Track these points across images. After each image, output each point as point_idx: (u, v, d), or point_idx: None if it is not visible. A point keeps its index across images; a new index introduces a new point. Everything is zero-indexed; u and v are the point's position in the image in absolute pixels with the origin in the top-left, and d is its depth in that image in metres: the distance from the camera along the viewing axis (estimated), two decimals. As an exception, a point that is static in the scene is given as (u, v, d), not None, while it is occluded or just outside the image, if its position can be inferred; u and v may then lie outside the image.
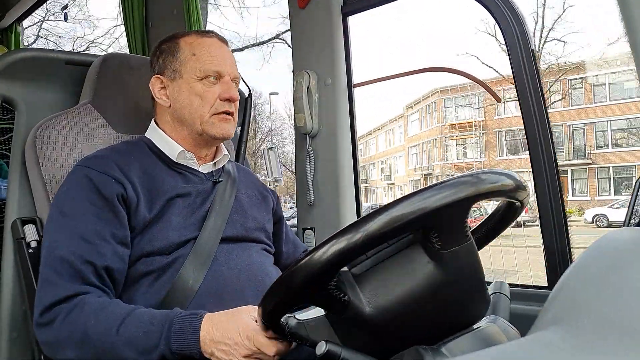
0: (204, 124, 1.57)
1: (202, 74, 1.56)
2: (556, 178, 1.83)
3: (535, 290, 1.89)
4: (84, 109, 1.75)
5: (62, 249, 1.35)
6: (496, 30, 19.91)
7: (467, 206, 0.95)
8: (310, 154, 2.41)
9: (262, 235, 1.68)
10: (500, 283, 1.26)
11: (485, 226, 1.24)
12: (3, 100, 1.79)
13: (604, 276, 0.69)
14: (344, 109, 2.38)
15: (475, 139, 27.08)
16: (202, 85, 1.57)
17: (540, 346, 0.59)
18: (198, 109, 1.57)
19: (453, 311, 1.05)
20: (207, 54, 1.59)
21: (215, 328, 1.21)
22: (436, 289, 1.00)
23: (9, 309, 1.67)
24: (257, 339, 1.17)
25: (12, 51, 1.85)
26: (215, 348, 1.20)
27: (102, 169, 1.45)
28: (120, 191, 1.43)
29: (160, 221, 1.46)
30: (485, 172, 0.98)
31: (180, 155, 1.59)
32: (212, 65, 1.58)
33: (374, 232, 0.88)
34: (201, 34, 1.64)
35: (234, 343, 1.19)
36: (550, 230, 1.85)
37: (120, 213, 1.42)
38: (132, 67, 1.83)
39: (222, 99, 1.57)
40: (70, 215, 1.40)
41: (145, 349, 1.22)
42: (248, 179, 1.82)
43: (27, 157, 1.68)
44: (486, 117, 26.73)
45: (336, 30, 2.35)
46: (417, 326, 1.01)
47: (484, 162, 25.82)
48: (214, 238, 1.51)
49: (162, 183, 1.52)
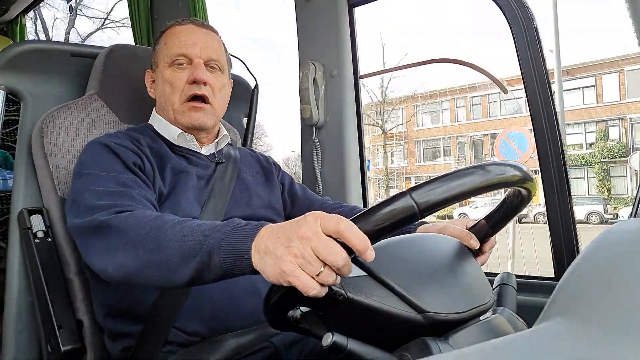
0: (176, 113, 1.58)
1: (170, 59, 1.57)
2: (564, 173, 1.83)
3: (542, 282, 1.89)
4: (90, 99, 1.76)
5: (106, 189, 1.30)
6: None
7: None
8: (316, 145, 2.41)
9: (269, 212, 1.66)
10: (507, 274, 1.25)
11: (498, 213, 1.24)
12: (9, 92, 1.79)
13: (611, 267, 0.68)
14: (350, 100, 2.37)
15: (399, 147, 31.29)
16: (171, 71, 1.57)
17: (547, 337, 0.59)
18: (170, 97, 1.58)
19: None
20: (176, 39, 1.58)
21: (278, 224, 0.96)
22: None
23: (15, 300, 1.68)
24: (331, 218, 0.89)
25: (18, 43, 1.86)
26: (271, 238, 0.93)
27: (118, 142, 1.46)
28: (138, 162, 1.44)
29: (171, 198, 1.46)
30: (493, 164, 0.98)
31: (180, 137, 1.59)
32: (177, 49, 1.57)
33: (379, 225, 0.88)
34: (178, 23, 1.64)
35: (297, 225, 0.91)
36: (558, 222, 1.84)
37: (144, 179, 1.41)
38: (138, 58, 1.85)
39: (189, 82, 1.55)
40: (99, 172, 1.36)
41: (193, 246, 1.04)
42: (250, 158, 1.82)
43: (34, 148, 1.69)
44: (408, 128, 31.19)
45: (342, 22, 2.34)
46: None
47: (405, 168, 30.41)
48: (214, 219, 1.48)
49: (169, 160, 1.53)
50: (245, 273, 0.99)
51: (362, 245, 0.85)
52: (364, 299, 0.94)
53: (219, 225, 1.04)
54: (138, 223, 1.14)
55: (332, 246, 0.86)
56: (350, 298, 0.92)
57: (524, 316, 1.12)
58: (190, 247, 1.04)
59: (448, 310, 0.98)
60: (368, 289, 0.95)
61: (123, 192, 1.30)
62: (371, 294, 0.95)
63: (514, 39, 1.87)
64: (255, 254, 0.95)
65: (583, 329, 0.59)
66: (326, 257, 0.85)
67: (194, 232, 1.05)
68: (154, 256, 1.08)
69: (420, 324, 0.95)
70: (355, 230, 0.85)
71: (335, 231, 0.86)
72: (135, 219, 1.16)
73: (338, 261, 0.85)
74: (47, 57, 1.84)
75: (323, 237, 0.86)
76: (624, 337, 0.56)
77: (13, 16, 4.55)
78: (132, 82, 1.80)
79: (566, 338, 0.58)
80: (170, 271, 1.07)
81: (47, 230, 1.65)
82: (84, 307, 1.62)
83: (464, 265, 1.11)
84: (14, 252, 1.70)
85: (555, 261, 1.86)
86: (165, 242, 1.07)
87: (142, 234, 1.12)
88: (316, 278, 0.86)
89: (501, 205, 1.21)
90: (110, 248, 1.17)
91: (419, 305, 0.95)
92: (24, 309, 1.69)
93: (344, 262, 0.86)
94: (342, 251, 0.86)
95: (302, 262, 0.86)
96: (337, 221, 0.86)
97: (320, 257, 0.86)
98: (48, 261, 1.62)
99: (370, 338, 0.95)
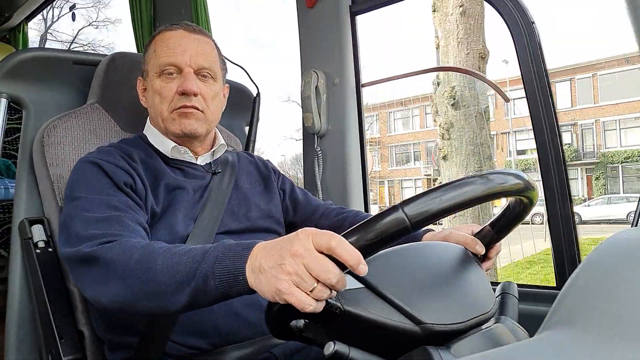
0: (165, 121, 1.53)
1: (159, 69, 1.51)
2: (565, 180, 1.83)
3: (543, 291, 1.88)
4: (91, 108, 1.76)
5: (95, 215, 1.27)
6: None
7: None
8: (318, 153, 2.41)
9: (268, 222, 1.64)
10: (508, 283, 1.25)
11: (502, 219, 1.24)
12: (11, 99, 1.79)
13: (613, 276, 0.68)
14: (352, 109, 2.37)
15: (373, 152, 32.28)
16: (160, 82, 1.51)
17: (549, 347, 0.59)
18: (158, 107, 1.52)
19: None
20: (165, 47, 1.51)
21: (271, 242, 0.97)
22: None
23: (17, 309, 1.67)
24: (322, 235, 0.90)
25: (20, 51, 1.85)
26: (264, 256, 0.94)
27: (109, 160, 1.41)
28: (129, 181, 1.39)
29: (165, 216, 1.43)
30: (494, 173, 0.99)
31: (174, 150, 1.55)
32: (166, 57, 1.50)
33: (370, 240, 0.88)
34: (168, 27, 1.56)
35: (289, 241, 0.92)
36: (559, 230, 1.84)
37: (136, 199, 1.38)
38: (140, 66, 1.83)
39: (179, 92, 1.49)
40: (89, 195, 1.33)
41: (187, 272, 1.03)
42: (248, 164, 1.78)
43: (35, 157, 1.68)
44: (381, 134, 32.72)
45: (345, 30, 2.34)
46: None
47: (379, 172, 31.56)
48: (210, 230, 1.46)
49: (163, 177, 1.48)
50: (242, 293, 0.99)
51: (354, 261, 0.86)
52: (361, 311, 0.94)
53: (210, 249, 1.04)
54: (126, 253, 1.13)
55: (324, 263, 0.87)
56: (347, 311, 0.93)
57: (525, 325, 1.11)
58: (184, 274, 1.03)
59: (446, 321, 0.97)
60: (365, 301, 0.95)
61: (112, 219, 1.26)
62: (368, 306, 0.95)
63: (513, 40, 1.87)
64: (250, 273, 0.96)
65: (585, 338, 0.59)
66: (318, 274, 0.87)
67: (184, 259, 1.05)
68: (147, 286, 1.08)
69: (417, 336, 0.95)
70: (347, 246, 0.86)
71: (327, 248, 0.87)
72: (123, 250, 1.14)
73: (330, 278, 0.86)
74: (49, 65, 1.84)
75: (315, 254, 0.88)
76: (625, 346, 0.56)
77: (15, 24, 4.57)
78: (133, 91, 1.79)
79: (568, 347, 0.58)
80: (165, 300, 1.07)
81: (48, 240, 1.65)
82: (84, 318, 1.61)
83: (467, 273, 1.11)
84: (15, 261, 1.69)
85: (556, 270, 1.86)
86: (156, 271, 1.07)
87: (131, 264, 1.10)
88: (310, 294, 0.87)
89: (504, 212, 1.21)
90: (99, 280, 1.16)
91: (416, 316, 0.95)
92: (25, 319, 1.68)
93: (337, 279, 0.87)
94: (334, 267, 0.87)
95: (296, 280, 0.87)
96: (328, 238, 0.87)
97: (312, 274, 0.87)
98: (49, 271, 1.62)
99: (370, 348, 0.95)
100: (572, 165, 27.02)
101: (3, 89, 1.76)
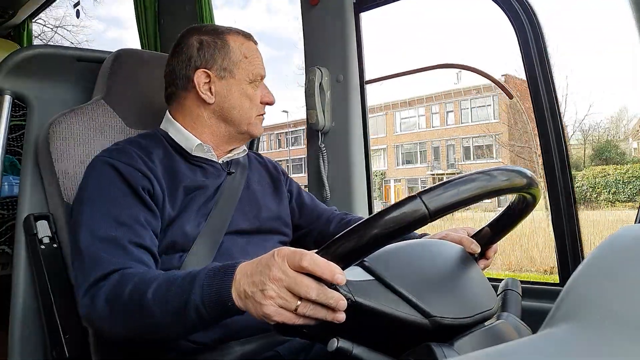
0: (250, 125, 1.62)
1: (253, 77, 1.60)
2: (568, 177, 1.83)
3: (547, 287, 1.88)
4: (96, 104, 1.75)
5: (100, 231, 1.30)
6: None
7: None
8: (322, 150, 2.41)
9: (276, 224, 1.67)
10: (511, 280, 1.25)
11: (503, 219, 1.24)
12: (15, 96, 1.79)
13: (617, 273, 0.68)
14: (356, 106, 2.37)
15: (380, 151, 33.59)
16: (251, 89, 1.61)
17: (552, 343, 0.59)
18: (248, 111, 1.60)
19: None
20: (256, 57, 1.63)
21: (250, 264, 1.02)
22: None
23: (21, 306, 1.68)
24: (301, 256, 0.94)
25: (24, 48, 1.85)
26: (246, 283, 0.99)
27: (128, 162, 1.42)
28: (147, 186, 1.40)
29: (179, 218, 1.44)
30: (498, 170, 0.99)
31: (198, 148, 1.57)
32: (260, 69, 1.62)
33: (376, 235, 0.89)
34: (246, 36, 1.65)
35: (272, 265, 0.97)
36: (562, 227, 1.84)
37: (151, 205, 1.39)
38: (145, 63, 1.84)
39: (263, 102, 1.64)
40: (101, 202, 1.36)
41: (178, 304, 1.08)
42: (259, 165, 1.81)
43: (40, 154, 1.68)
44: (387, 133, 33.79)
45: (349, 27, 2.34)
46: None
47: (385, 171, 33.06)
48: (219, 228, 1.49)
49: (183, 178, 1.50)
50: (233, 315, 1.07)
51: (328, 275, 0.91)
52: (371, 302, 0.95)
53: (195, 277, 1.09)
54: (124, 288, 1.18)
55: (301, 281, 0.93)
56: (357, 302, 0.94)
57: (528, 322, 1.12)
58: (175, 307, 1.09)
59: (454, 315, 0.98)
60: (375, 293, 0.97)
61: (116, 241, 1.29)
62: (378, 297, 0.96)
63: (518, 41, 1.87)
64: (237, 299, 1.02)
65: (588, 335, 0.59)
66: (299, 292, 0.93)
67: (172, 292, 1.11)
68: (145, 321, 1.14)
69: (426, 328, 0.96)
70: (319, 262, 0.92)
71: (300, 267, 0.93)
72: (120, 283, 1.20)
73: (310, 293, 0.92)
74: (53, 62, 1.84)
75: (292, 275, 0.94)
76: (629, 344, 0.56)
77: (20, 21, 4.57)
78: (139, 87, 1.79)
79: (571, 344, 0.58)
80: (165, 331, 1.15)
81: (53, 237, 1.65)
82: None
83: (468, 271, 1.12)
84: (20, 258, 1.69)
85: (560, 267, 1.86)
86: (150, 307, 1.12)
87: (127, 302, 1.16)
88: (296, 312, 0.94)
89: (506, 212, 1.21)
90: (101, 315, 1.22)
91: (425, 309, 0.96)
92: (30, 315, 1.68)
93: (316, 293, 0.92)
94: (312, 282, 0.93)
95: (280, 302, 0.95)
96: (299, 258, 0.93)
97: (294, 294, 0.94)
98: (54, 268, 1.62)
99: (376, 342, 0.96)
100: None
101: (7, 86, 1.77)
